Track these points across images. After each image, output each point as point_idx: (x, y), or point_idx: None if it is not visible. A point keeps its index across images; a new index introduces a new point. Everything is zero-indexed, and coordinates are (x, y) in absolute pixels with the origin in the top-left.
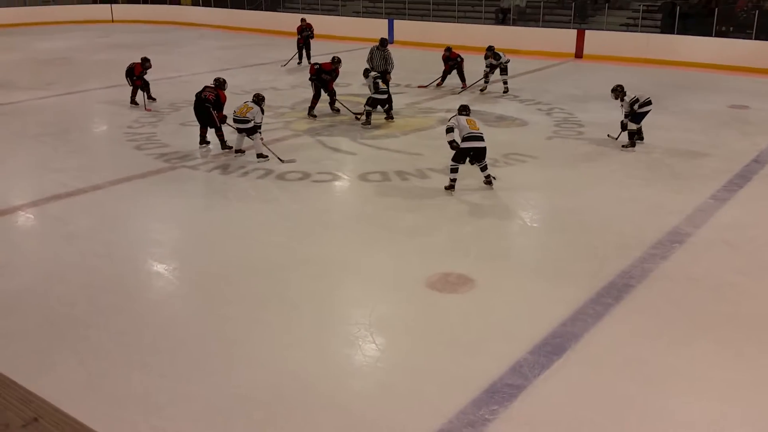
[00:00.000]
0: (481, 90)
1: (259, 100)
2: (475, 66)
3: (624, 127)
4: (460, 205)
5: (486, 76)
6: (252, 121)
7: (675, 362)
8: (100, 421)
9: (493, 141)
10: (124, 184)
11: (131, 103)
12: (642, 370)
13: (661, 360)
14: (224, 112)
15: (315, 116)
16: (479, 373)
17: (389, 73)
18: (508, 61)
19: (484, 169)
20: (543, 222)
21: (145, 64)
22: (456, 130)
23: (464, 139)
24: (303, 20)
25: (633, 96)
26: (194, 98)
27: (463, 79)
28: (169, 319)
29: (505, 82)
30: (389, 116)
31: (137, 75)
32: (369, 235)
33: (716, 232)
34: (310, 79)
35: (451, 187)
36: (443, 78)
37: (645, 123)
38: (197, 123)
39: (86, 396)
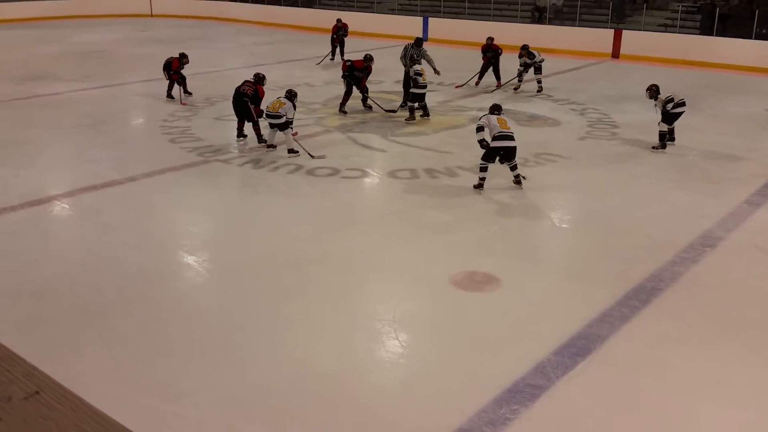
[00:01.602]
0: (515, 89)
1: (291, 96)
2: (509, 64)
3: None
4: (488, 204)
5: (519, 75)
6: (284, 117)
7: (701, 367)
8: (125, 407)
9: (525, 140)
10: (158, 176)
11: (167, 96)
12: (667, 375)
13: (686, 365)
14: (261, 107)
15: (346, 113)
16: (501, 372)
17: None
18: (542, 60)
19: (513, 168)
20: (572, 223)
21: (183, 59)
22: (486, 129)
23: (494, 138)
24: (339, 20)
25: (668, 95)
26: (233, 92)
27: (498, 76)
28: (195, 309)
29: (539, 81)
30: (426, 113)
31: (174, 69)
32: (395, 232)
33: (749, 237)
34: (342, 76)
35: (479, 186)
36: (481, 75)
37: (679, 125)
38: (233, 117)
39: (112, 381)
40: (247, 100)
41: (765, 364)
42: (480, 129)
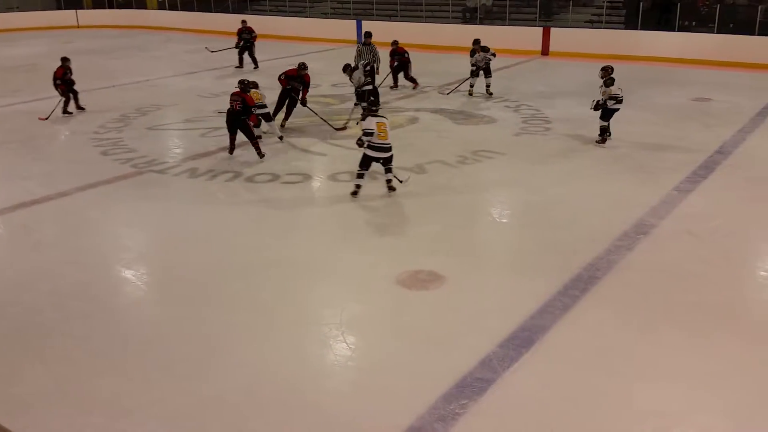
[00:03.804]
0: (470, 93)
1: (252, 85)
2: (446, 65)
3: (596, 106)
4: (430, 203)
5: (472, 74)
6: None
7: (641, 351)
8: (71, 427)
9: (462, 138)
10: (91, 190)
11: (63, 113)
12: (609, 360)
13: (627, 349)
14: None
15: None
16: (449, 368)
17: (378, 67)
18: (494, 56)
19: (388, 171)
20: (512, 217)
21: (66, 63)
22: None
23: (371, 148)
24: (243, 22)
25: (616, 92)
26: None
27: (413, 80)
28: (138, 324)
29: (489, 85)
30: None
31: (60, 78)
32: (339, 235)
33: (680, 223)
34: (283, 92)
35: (354, 194)
36: (395, 79)
37: (612, 118)
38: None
39: (54, 403)
40: (245, 119)
41: (700, 345)
42: (370, 134)
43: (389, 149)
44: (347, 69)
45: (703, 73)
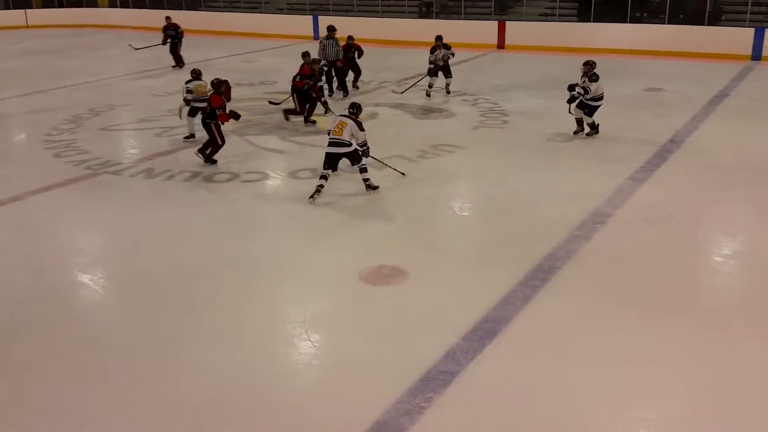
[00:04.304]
0: (428, 95)
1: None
2: (403, 60)
3: (572, 97)
4: (391, 198)
5: (430, 72)
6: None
7: (601, 339)
8: None
9: (422, 132)
10: (45, 193)
11: None
12: (570, 349)
13: (588, 338)
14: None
15: (314, 122)
16: (414, 362)
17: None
18: (453, 54)
19: (362, 171)
20: (472, 210)
21: None
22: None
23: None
24: (168, 19)
25: (597, 89)
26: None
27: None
28: (97, 328)
29: (449, 84)
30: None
31: None
32: (301, 233)
33: (636, 212)
34: (296, 92)
35: (316, 193)
36: (354, 75)
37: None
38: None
39: (13, 411)
40: (210, 122)
41: (658, 331)
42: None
43: (341, 145)
44: (306, 56)
45: (655, 64)
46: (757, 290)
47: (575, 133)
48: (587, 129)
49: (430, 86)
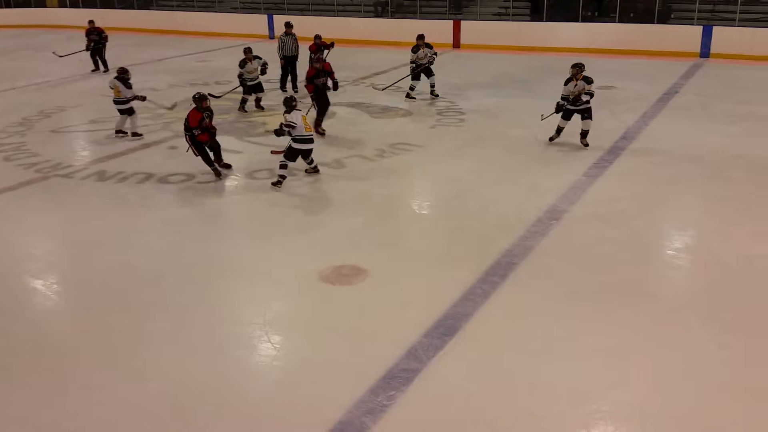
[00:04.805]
0: (411, 97)
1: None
2: (359, 59)
3: (559, 108)
4: (349, 197)
5: (414, 73)
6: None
7: (559, 333)
8: None
9: (380, 132)
10: None
11: None
12: (529, 344)
13: (546, 332)
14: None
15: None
16: (376, 361)
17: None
18: (436, 54)
19: (310, 162)
20: (431, 208)
21: None
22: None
23: (298, 141)
24: (91, 23)
25: (585, 95)
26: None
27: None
28: (48, 336)
29: (433, 85)
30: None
31: None
32: (259, 234)
33: (589, 207)
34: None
35: (279, 183)
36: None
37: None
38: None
39: None
40: (188, 134)
41: (614, 324)
42: (292, 127)
43: (313, 141)
44: (249, 52)
45: (607, 62)
46: (707, 282)
47: (551, 139)
48: (555, 136)
49: (412, 89)
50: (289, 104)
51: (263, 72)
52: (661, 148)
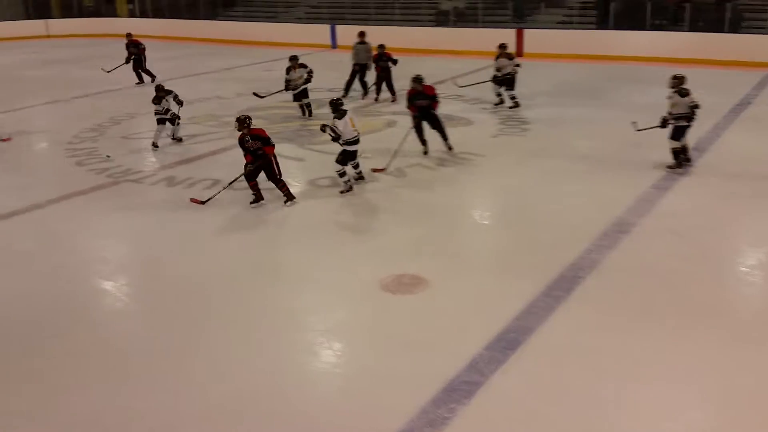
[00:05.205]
0: (501, 102)
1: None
2: (419, 68)
3: (663, 122)
4: (410, 206)
5: (496, 80)
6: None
7: (627, 350)
8: None
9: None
10: (66, 201)
11: None
12: (596, 360)
13: (613, 349)
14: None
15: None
16: (436, 372)
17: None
18: (519, 66)
19: (356, 166)
20: (493, 218)
21: None
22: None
23: (349, 143)
24: (128, 35)
25: (689, 104)
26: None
27: (392, 89)
28: (118, 338)
29: (513, 97)
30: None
31: None
32: (321, 241)
33: (659, 221)
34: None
35: (350, 190)
36: (377, 86)
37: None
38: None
39: (33, 424)
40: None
41: (685, 344)
42: (338, 136)
43: (359, 140)
44: (294, 60)
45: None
46: None
47: (669, 167)
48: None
49: (499, 95)
50: (338, 109)
51: (308, 80)
52: (733, 161)
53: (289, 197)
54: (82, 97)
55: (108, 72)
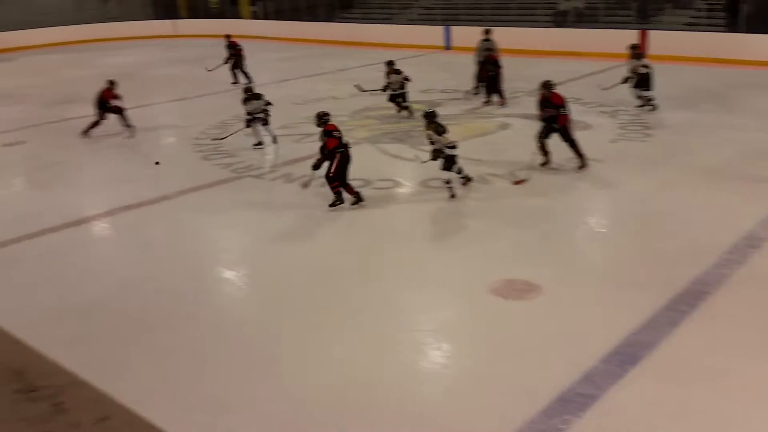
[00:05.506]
0: (647, 104)
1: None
2: (536, 70)
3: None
4: (523, 211)
5: (628, 81)
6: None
7: (755, 373)
8: (176, 423)
9: (555, 144)
10: (192, 193)
11: (84, 133)
12: (721, 381)
13: (740, 370)
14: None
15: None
16: (548, 382)
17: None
18: (646, 66)
19: (460, 171)
20: (610, 227)
21: (112, 87)
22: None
23: (450, 148)
24: (227, 37)
25: None
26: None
27: (500, 92)
28: (237, 324)
29: (650, 99)
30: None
31: (108, 101)
32: (431, 241)
33: None
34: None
35: (454, 195)
36: (488, 88)
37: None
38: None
39: (160, 399)
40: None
41: None
42: (440, 148)
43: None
44: (392, 65)
45: None
46: None
47: None
48: None
49: (640, 98)
50: (432, 120)
51: (402, 86)
52: None
53: (338, 199)
54: (208, 95)
55: (210, 71)
